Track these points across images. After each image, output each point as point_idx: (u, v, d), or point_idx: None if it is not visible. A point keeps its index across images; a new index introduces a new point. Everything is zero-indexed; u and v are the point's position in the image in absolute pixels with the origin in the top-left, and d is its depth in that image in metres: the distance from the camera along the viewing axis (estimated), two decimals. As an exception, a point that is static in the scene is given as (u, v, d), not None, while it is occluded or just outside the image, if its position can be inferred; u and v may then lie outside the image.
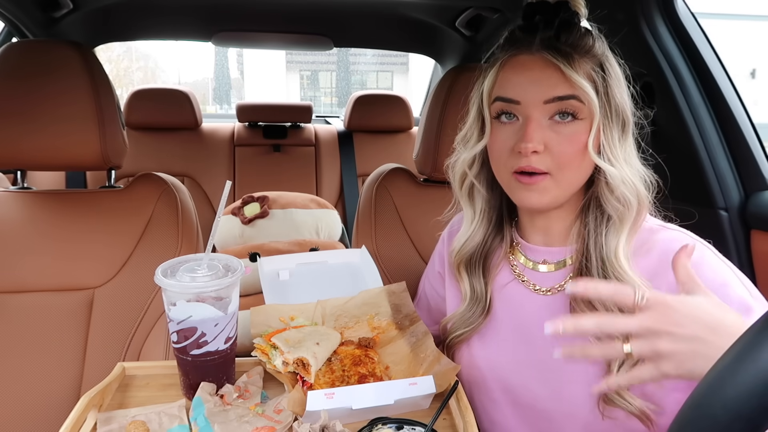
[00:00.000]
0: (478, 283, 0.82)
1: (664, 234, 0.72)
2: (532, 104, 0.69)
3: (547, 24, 0.71)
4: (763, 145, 1.12)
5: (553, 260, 0.78)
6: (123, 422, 0.67)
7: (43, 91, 1.00)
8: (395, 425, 0.66)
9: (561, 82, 0.68)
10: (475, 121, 0.78)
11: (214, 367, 0.73)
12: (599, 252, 0.71)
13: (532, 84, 0.69)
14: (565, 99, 0.68)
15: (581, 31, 0.71)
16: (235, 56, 20.23)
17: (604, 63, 0.70)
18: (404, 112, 2.58)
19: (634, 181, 0.70)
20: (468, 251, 0.83)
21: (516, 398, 0.78)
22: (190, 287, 0.69)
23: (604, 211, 0.72)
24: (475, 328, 0.81)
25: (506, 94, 0.71)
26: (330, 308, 0.90)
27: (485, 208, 0.82)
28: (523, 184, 0.71)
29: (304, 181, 2.50)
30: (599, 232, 0.72)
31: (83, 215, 1.09)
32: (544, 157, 0.69)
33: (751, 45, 13.37)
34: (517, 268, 0.81)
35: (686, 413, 0.33)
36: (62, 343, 1.02)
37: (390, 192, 1.28)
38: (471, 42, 1.97)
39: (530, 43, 0.71)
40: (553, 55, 0.68)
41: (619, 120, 0.70)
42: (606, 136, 0.70)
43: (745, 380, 0.30)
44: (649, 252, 0.71)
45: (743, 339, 0.32)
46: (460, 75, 1.20)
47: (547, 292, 0.77)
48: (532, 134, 0.68)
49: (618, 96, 0.70)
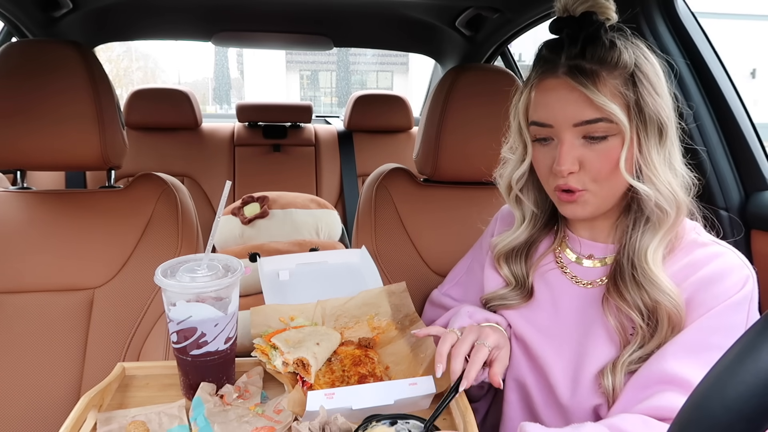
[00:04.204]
0: (519, 271, 0.85)
1: (714, 249, 0.72)
2: (563, 127, 0.71)
3: (572, 41, 0.71)
4: (763, 145, 1.12)
5: (596, 256, 0.80)
6: (123, 422, 0.67)
7: (43, 91, 1.00)
8: (389, 421, 0.66)
9: (587, 107, 0.69)
10: (517, 136, 0.81)
11: (214, 367, 0.73)
12: (632, 251, 0.73)
13: (561, 108, 0.71)
14: (593, 122, 0.69)
15: (606, 45, 0.70)
16: (235, 56, 20.24)
17: (635, 73, 0.70)
18: (404, 112, 2.58)
19: (672, 190, 0.71)
20: (509, 248, 0.87)
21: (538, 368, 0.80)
22: (190, 287, 0.69)
23: (644, 214, 0.73)
24: (514, 306, 0.84)
25: (539, 118, 0.74)
26: (330, 308, 0.90)
27: (535, 211, 0.86)
28: (564, 201, 0.75)
29: (304, 181, 2.50)
30: (636, 231, 0.74)
31: (83, 215, 1.09)
32: (581, 175, 0.72)
33: (751, 45, 13.37)
34: (562, 260, 0.83)
35: (687, 414, 0.33)
36: (62, 343, 1.02)
37: (390, 192, 1.27)
38: (471, 42, 1.97)
39: (556, 63, 0.72)
40: (576, 79, 0.69)
41: (654, 128, 0.70)
42: (642, 148, 0.71)
43: (745, 380, 0.30)
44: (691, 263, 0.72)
45: (744, 339, 0.32)
46: (460, 75, 1.20)
47: (587, 284, 0.79)
48: (565, 157, 0.71)
49: (651, 105, 0.70)
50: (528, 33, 1.76)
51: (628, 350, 0.71)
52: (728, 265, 0.70)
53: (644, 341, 0.71)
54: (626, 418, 0.64)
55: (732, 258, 0.71)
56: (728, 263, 0.70)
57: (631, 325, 0.72)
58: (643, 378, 0.68)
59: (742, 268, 0.70)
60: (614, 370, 0.71)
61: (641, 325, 0.70)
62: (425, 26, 1.97)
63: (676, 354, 0.67)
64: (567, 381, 0.76)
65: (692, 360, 0.65)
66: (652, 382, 0.67)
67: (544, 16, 1.56)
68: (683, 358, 0.66)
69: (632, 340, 0.71)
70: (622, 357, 0.71)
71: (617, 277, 0.74)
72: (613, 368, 0.71)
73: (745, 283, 0.68)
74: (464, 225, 1.22)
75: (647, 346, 0.70)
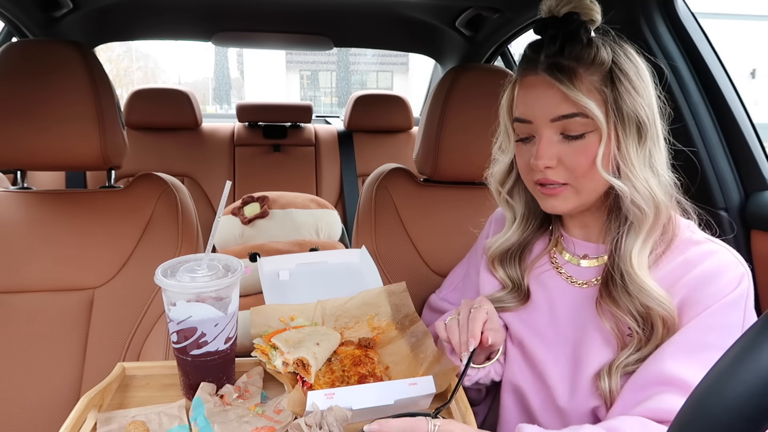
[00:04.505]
0: (514, 273, 0.86)
1: (708, 246, 0.72)
2: (541, 123, 0.72)
3: (551, 39, 0.72)
4: (763, 145, 1.12)
5: (591, 255, 0.81)
6: (123, 422, 0.67)
7: (43, 92, 1.00)
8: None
9: (563, 101, 0.70)
10: (504, 135, 0.83)
11: (214, 367, 0.73)
12: (619, 255, 0.73)
13: (539, 103, 0.72)
14: (569, 117, 0.70)
15: (584, 42, 0.71)
16: (235, 56, 20.25)
17: (613, 70, 0.70)
18: (404, 112, 2.59)
19: (650, 190, 0.70)
20: (502, 250, 0.87)
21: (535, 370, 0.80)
22: (190, 287, 0.69)
23: (625, 215, 0.73)
24: (512, 309, 0.85)
25: (520, 114, 0.76)
26: (330, 308, 0.90)
27: (525, 213, 0.87)
28: (545, 194, 0.76)
29: (304, 181, 2.50)
30: (621, 233, 0.74)
31: (83, 215, 1.09)
32: (559, 170, 0.73)
33: (751, 45, 13.37)
34: (557, 260, 0.83)
35: (687, 413, 0.33)
36: (62, 343, 1.02)
37: (390, 192, 1.28)
38: (471, 42, 1.97)
39: (536, 61, 0.73)
40: (552, 75, 0.70)
41: (632, 126, 0.70)
42: (621, 146, 0.71)
43: (745, 380, 0.30)
44: (686, 261, 0.72)
45: (744, 339, 0.32)
46: (460, 75, 1.20)
47: (582, 284, 0.79)
48: (542, 152, 0.72)
49: (630, 103, 0.70)
50: (528, 33, 1.76)
51: (625, 353, 0.71)
52: (723, 263, 0.69)
53: (641, 345, 0.71)
54: (625, 420, 0.64)
55: (726, 256, 0.71)
56: (723, 261, 0.70)
57: (627, 327, 0.72)
58: (641, 379, 0.68)
59: (737, 265, 0.70)
60: (611, 373, 0.71)
61: (637, 330, 0.71)
62: (425, 26, 1.97)
63: (674, 354, 0.67)
64: (565, 384, 0.76)
65: (690, 360, 0.65)
66: (650, 384, 0.67)
67: (544, 16, 1.56)
68: (681, 358, 0.66)
69: (629, 343, 0.72)
70: (618, 359, 0.71)
71: (608, 283, 0.74)
72: (610, 370, 0.71)
73: (741, 281, 0.68)
74: (464, 225, 1.22)
75: (644, 350, 0.70)
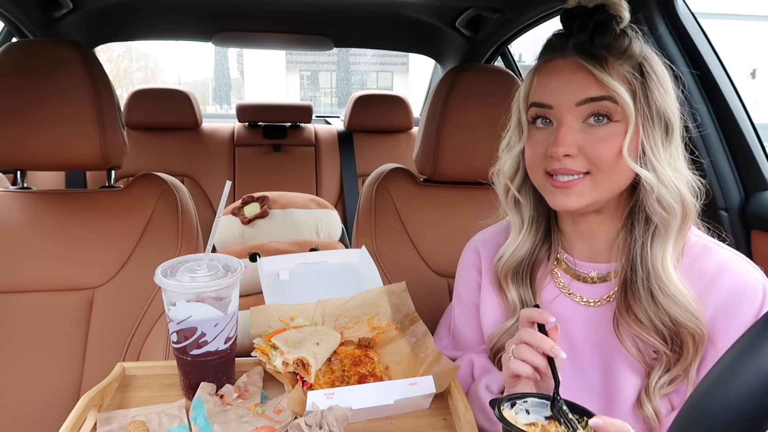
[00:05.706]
0: (526, 294, 0.81)
1: (719, 255, 0.71)
2: (565, 108, 0.69)
3: (581, 28, 0.70)
4: (763, 145, 1.12)
5: (600, 270, 0.77)
6: (123, 422, 0.67)
7: (43, 91, 1.00)
8: (509, 403, 0.60)
9: (593, 84, 0.67)
10: (515, 128, 0.78)
11: (214, 367, 0.73)
12: (645, 262, 0.69)
13: (564, 87, 0.69)
14: (597, 100, 0.67)
15: (616, 33, 0.69)
16: (235, 56, 20.27)
17: (643, 65, 0.69)
18: (404, 112, 2.59)
19: (677, 186, 0.68)
20: (516, 261, 0.82)
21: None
22: (190, 287, 0.69)
23: (649, 219, 0.70)
24: None
25: (540, 98, 0.72)
26: (330, 308, 0.90)
27: (534, 215, 0.81)
28: (556, 188, 0.71)
29: (304, 181, 2.50)
30: (645, 240, 0.70)
31: (83, 215, 1.09)
32: (578, 159, 0.69)
33: (751, 45, 13.37)
34: (562, 281, 0.79)
35: (687, 413, 0.33)
36: (62, 343, 1.02)
37: (390, 192, 1.28)
38: (471, 42, 1.97)
39: (564, 47, 0.70)
40: (584, 58, 0.67)
41: (661, 123, 0.68)
42: (647, 140, 0.68)
43: (746, 380, 0.30)
44: (701, 273, 0.70)
45: (744, 339, 0.32)
46: (461, 75, 1.20)
47: (596, 303, 0.76)
48: (563, 138, 0.68)
49: (659, 99, 0.68)
50: (528, 33, 1.76)
51: (655, 376, 0.68)
52: (743, 275, 0.68)
53: (669, 366, 0.68)
54: None
55: (742, 264, 0.69)
56: (743, 272, 0.68)
57: (651, 348, 0.69)
58: None
59: (755, 272, 0.69)
60: (649, 397, 0.68)
61: (665, 351, 0.68)
62: (425, 26, 1.97)
63: None
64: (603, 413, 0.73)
65: None
66: None
67: (544, 17, 1.56)
68: None
69: (656, 365, 0.69)
70: (651, 383, 0.68)
71: (628, 296, 0.70)
72: (647, 395, 0.69)
73: (765, 290, 0.67)
74: (464, 225, 1.22)
75: (673, 370, 0.68)
